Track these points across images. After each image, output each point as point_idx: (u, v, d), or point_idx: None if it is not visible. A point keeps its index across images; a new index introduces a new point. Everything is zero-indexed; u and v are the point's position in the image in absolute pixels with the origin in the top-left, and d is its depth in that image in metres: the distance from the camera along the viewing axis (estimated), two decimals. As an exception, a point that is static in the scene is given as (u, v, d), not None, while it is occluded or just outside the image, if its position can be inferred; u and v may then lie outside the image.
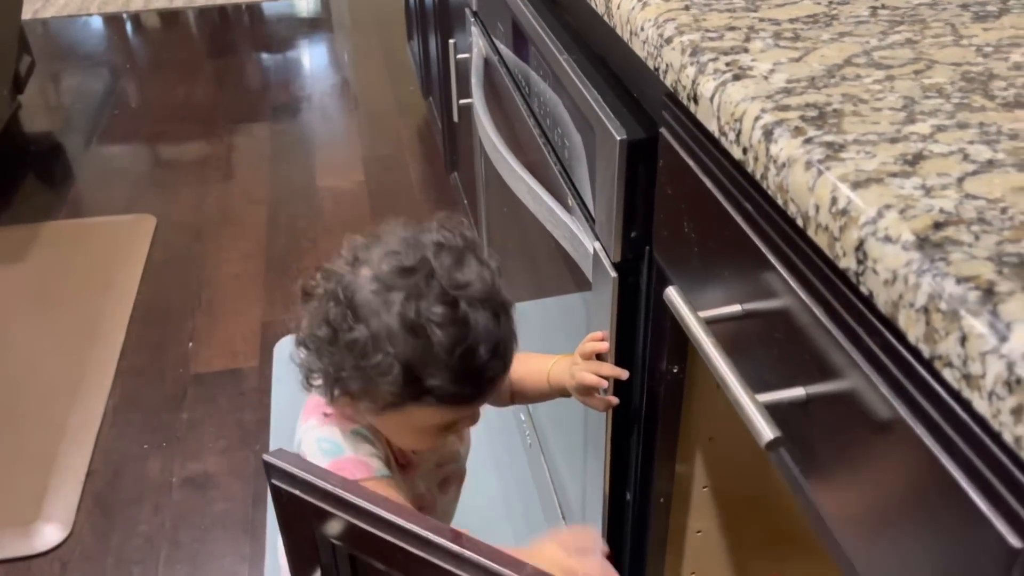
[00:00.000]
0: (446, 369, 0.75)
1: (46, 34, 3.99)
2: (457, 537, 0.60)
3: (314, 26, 4.05)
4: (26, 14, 4.00)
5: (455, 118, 1.82)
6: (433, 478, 0.97)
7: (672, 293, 0.66)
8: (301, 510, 0.66)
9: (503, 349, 0.79)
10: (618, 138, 0.79)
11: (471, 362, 0.75)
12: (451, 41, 1.74)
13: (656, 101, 0.76)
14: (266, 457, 0.66)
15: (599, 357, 0.93)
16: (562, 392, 0.98)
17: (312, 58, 3.71)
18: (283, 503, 0.66)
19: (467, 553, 0.58)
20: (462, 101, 1.63)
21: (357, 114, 3.15)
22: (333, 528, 0.65)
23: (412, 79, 3.15)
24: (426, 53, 2.53)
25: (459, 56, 1.70)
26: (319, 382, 0.80)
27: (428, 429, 0.82)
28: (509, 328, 0.80)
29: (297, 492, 0.65)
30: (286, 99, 3.27)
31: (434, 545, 0.59)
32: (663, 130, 0.74)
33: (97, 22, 4.11)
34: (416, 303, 0.74)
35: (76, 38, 3.95)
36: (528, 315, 1.49)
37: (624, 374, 0.91)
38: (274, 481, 0.66)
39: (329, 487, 0.64)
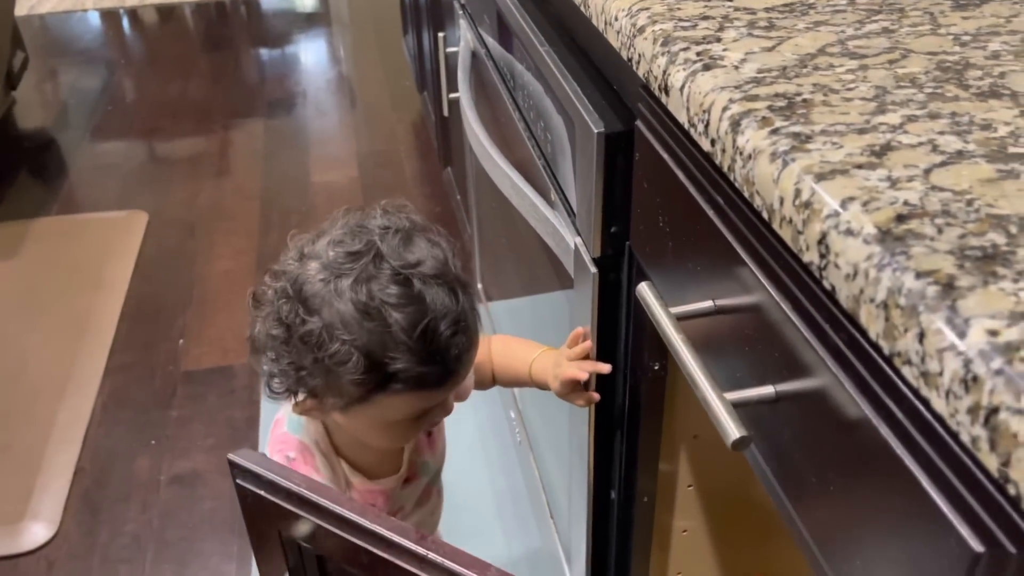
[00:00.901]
0: (409, 351, 0.72)
1: (42, 29, 3.97)
2: (422, 539, 0.58)
3: (311, 21, 4.03)
4: (22, 10, 3.99)
5: (445, 112, 1.81)
6: (409, 496, 0.95)
7: (644, 289, 0.65)
8: (266, 511, 0.64)
9: (465, 324, 0.76)
10: (596, 131, 0.78)
11: (434, 340, 0.73)
12: (441, 35, 1.73)
13: (634, 93, 0.75)
14: (231, 456, 0.65)
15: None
16: (543, 387, 0.96)
17: (308, 53, 3.69)
18: (248, 503, 0.65)
19: (431, 555, 0.57)
20: (452, 95, 1.61)
21: (352, 109, 3.13)
22: (299, 529, 0.64)
23: (408, 74, 3.13)
24: (420, 48, 2.51)
25: (449, 50, 1.69)
26: (281, 388, 0.78)
27: (400, 423, 0.80)
28: (469, 303, 0.77)
29: (262, 492, 0.64)
30: (281, 94, 3.26)
31: (398, 546, 0.58)
32: (639, 122, 0.72)
33: (93, 17, 4.09)
34: (367, 286, 0.72)
35: (72, 33, 3.94)
36: (516, 312, 1.47)
37: (606, 368, 0.89)
38: (239, 481, 0.65)
39: (294, 487, 0.62)
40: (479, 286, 1.80)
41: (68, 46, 3.81)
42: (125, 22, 4.08)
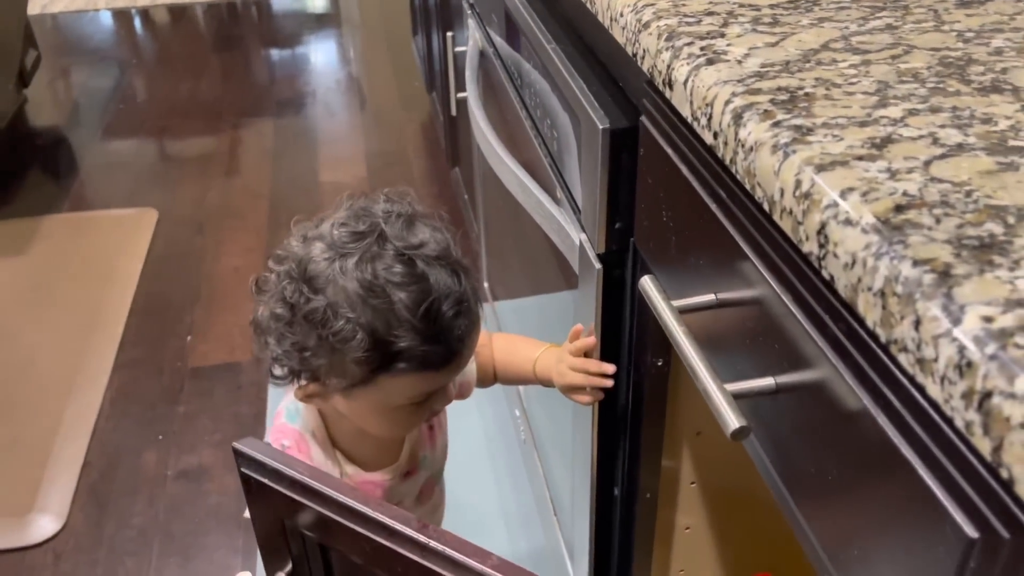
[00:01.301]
0: (413, 330, 0.72)
1: (54, 28, 4.00)
2: (423, 527, 0.59)
3: (321, 22, 4.05)
4: (35, 9, 4.02)
5: (453, 112, 1.81)
6: (408, 490, 0.96)
7: (646, 282, 0.65)
8: (270, 499, 0.65)
9: (467, 306, 0.76)
10: (601, 127, 0.78)
11: (437, 319, 0.73)
12: (449, 34, 1.74)
13: (639, 89, 0.75)
14: (236, 444, 0.65)
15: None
16: (547, 384, 0.97)
17: (318, 54, 3.71)
18: (252, 492, 0.66)
19: (433, 543, 0.57)
20: (460, 95, 1.62)
21: (361, 110, 3.14)
22: (302, 518, 0.64)
23: (417, 75, 3.14)
24: (429, 48, 2.52)
25: (457, 49, 1.70)
26: (283, 371, 0.78)
27: (402, 408, 0.80)
28: (470, 286, 0.78)
29: (266, 481, 0.64)
30: (291, 94, 3.27)
31: (400, 535, 0.58)
32: (643, 118, 0.73)
33: (106, 17, 4.12)
34: (372, 265, 0.73)
35: (84, 33, 3.96)
36: (522, 311, 1.48)
37: (611, 369, 0.90)
38: (243, 469, 0.65)
39: (297, 476, 0.63)
40: (486, 285, 1.81)
41: (80, 45, 3.83)
42: (137, 22, 4.10)
